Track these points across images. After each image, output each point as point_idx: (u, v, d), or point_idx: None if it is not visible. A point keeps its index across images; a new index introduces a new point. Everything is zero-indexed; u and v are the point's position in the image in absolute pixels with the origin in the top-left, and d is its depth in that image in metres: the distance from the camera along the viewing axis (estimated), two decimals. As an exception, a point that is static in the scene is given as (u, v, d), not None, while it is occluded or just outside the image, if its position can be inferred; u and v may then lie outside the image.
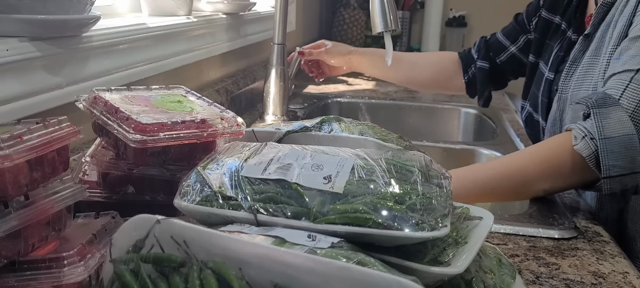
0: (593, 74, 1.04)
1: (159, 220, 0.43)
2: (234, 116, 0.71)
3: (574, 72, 1.09)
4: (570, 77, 1.09)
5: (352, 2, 2.79)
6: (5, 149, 0.48)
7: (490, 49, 1.44)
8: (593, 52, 1.06)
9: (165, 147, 0.65)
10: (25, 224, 0.51)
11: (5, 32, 0.72)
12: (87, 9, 0.81)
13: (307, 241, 0.46)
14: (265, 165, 0.56)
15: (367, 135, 0.71)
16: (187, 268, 0.42)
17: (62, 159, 0.57)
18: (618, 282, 0.76)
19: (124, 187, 0.70)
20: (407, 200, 0.51)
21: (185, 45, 1.24)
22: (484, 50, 1.45)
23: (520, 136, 1.50)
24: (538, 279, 0.76)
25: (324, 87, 2.08)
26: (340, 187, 0.52)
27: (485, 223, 0.60)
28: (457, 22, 3.25)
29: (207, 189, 0.55)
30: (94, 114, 0.69)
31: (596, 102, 0.90)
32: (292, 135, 0.73)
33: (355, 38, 2.79)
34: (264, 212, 0.51)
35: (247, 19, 1.62)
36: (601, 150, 0.87)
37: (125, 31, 0.99)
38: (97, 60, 0.91)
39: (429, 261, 0.51)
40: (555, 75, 1.16)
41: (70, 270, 0.52)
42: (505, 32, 1.42)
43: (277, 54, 1.46)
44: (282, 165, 0.56)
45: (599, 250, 0.85)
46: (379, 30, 1.21)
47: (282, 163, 0.56)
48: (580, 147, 0.88)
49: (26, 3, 0.72)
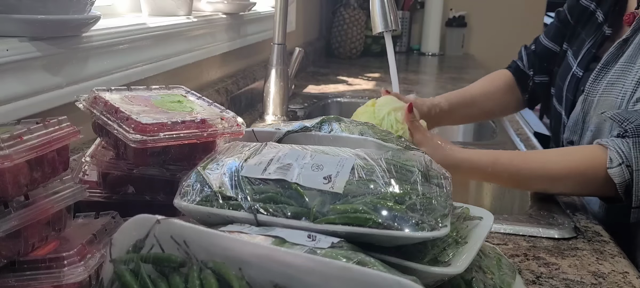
0: (625, 81, 1.00)
1: (159, 220, 0.43)
2: (234, 116, 0.71)
3: (604, 76, 1.05)
4: (599, 80, 1.05)
5: (352, 2, 2.79)
6: (5, 149, 0.48)
7: (543, 60, 1.32)
8: (629, 58, 1.02)
9: (165, 147, 0.65)
10: (25, 224, 0.51)
11: (5, 32, 0.72)
12: (87, 9, 0.81)
13: (307, 241, 0.46)
14: (265, 165, 0.56)
15: (367, 135, 0.71)
16: (187, 268, 0.42)
17: (62, 159, 0.57)
18: (618, 281, 0.76)
19: (124, 187, 0.70)
20: (407, 200, 0.51)
21: (185, 45, 1.24)
22: (537, 63, 1.33)
23: (519, 136, 1.50)
24: (538, 279, 0.76)
25: (324, 87, 2.08)
26: (340, 187, 0.52)
27: (485, 223, 0.60)
28: (457, 22, 3.25)
29: (207, 189, 0.55)
30: (94, 114, 0.69)
31: (637, 129, 0.88)
32: (292, 135, 0.73)
33: (355, 38, 2.79)
34: (264, 212, 0.51)
35: (247, 19, 1.62)
36: (636, 182, 0.86)
37: (125, 31, 0.99)
38: (97, 60, 0.91)
39: (429, 261, 0.51)
40: (584, 73, 1.11)
41: (70, 270, 0.52)
42: (550, 36, 1.31)
43: (277, 54, 1.46)
44: (282, 165, 0.56)
45: (599, 250, 0.85)
46: (379, 30, 1.22)
47: (282, 163, 0.56)
48: (614, 172, 0.88)
49: (26, 3, 0.72)
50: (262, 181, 0.54)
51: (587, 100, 1.07)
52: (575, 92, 1.13)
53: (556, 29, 1.29)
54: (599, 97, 1.04)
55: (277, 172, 0.55)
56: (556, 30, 1.29)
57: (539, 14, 3.24)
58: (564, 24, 1.27)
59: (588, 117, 1.07)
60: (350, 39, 2.78)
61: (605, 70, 1.06)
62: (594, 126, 1.04)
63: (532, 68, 1.34)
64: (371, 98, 1.11)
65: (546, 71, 1.31)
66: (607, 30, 1.12)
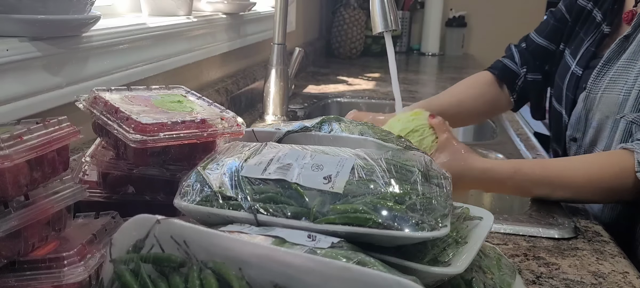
0: (628, 78, 1.00)
1: (159, 220, 0.43)
2: (234, 116, 0.71)
3: (606, 73, 1.05)
4: (601, 78, 1.05)
5: (352, 2, 2.79)
6: (5, 149, 0.48)
7: (537, 58, 1.29)
8: (631, 55, 1.02)
9: (165, 147, 0.65)
10: (25, 224, 0.51)
11: (5, 32, 0.72)
12: (87, 9, 0.81)
13: (307, 241, 0.46)
14: (265, 165, 0.56)
15: (367, 135, 0.71)
16: (187, 268, 0.42)
17: (62, 159, 0.57)
18: (618, 281, 0.76)
19: (124, 187, 0.70)
20: (407, 200, 0.51)
21: (185, 45, 1.24)
22: (531, 61, 1.30)
23: (520, 136, 1.50)
24: (538, 279, 0.76)
25: (324, 87, 2.08)
26: (340, 187, 0.52)
27: (485, 223, 0.60)
28: (457, 22, 3.25)
29: (207, 189, 0.55)
30: (94, 114, 0.69)
31: None
32: (292, 135, 0.73)
33: (355, 38, 2.79)
34: (264, 212, 0.51)
35: (247, 19, 1.62)
36: None
37: (125, 31, 0.99)
38: (97, 60, 0.91)
39: (429, 261, 0.51)
40: (584, 71, 1.11)
41: (70, 270, 0.52)
42: (545, 34, 1.28)
43: (277, 54, 1.46)
44: (282, 165, 0.56)
45: (599, 250, 0.85)
46: (379, 30, 1.21)
47: (282, 163, 0.56)
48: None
49: (26, 3, 0.72)
50: (262, 181, 0.54)
51: (589, 98, 1.07)
52: (576, 90, 1.13)
53: (552, 28, 1.27)
54: (602, 94, 1.04)
55: (277, 172, 0.55)
56: (552, 28, 1.27)
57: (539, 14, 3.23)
58: (561, 23, 1.25)
59: (591, 114, 1.07)
60: (350, 39, 2.78)
61: (607, 67, 1.06)
62: (596, 122, 1.05)
63: (525, 65, 1.31)
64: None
65: (540, 69, 1.30)
66: (606, 29, 1.12)
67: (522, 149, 1.39)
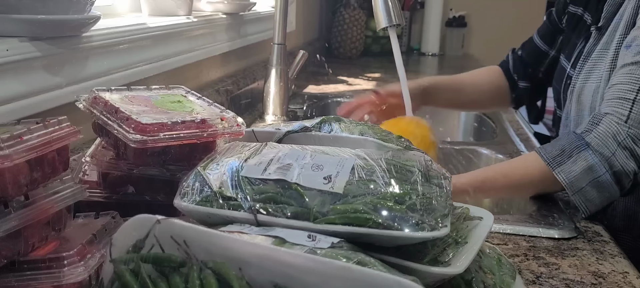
0: (601, 67, 1.03)
1: (159, 220, 0.43)
2: (234, 116, 0.71)
3: (585, 65, 1.08)
4: (581, 70, 1.08)
5: (352, 2, 2.79)
6: (5, 149, 0.48)
7: (528, 65, 1.34)
8: (604, 44, 1.04)
9: (165, 147, 0.65)
10: (25, 224, 0.51)
11: (5, 32, 0.72)
12: (87, 9, 0.81)
13: (307, 241, 0.46)
14: (265, 165, 0.56)
15: (367, 135, 0.71)
16: (187, 268, 0.42)
17: (62, 159, 0.57)
18: (618, 281, 0.76)
19: (124, 187, 0.70)
20: (407, 200, 0.51)
21: (185, 45, 1.24)
22: (521, 69, 1.35)
23: (519, 136, 1.50)
24: (538, 279, 0.76)
25: (324, 87, 2.08)
26: (340, 187, 0.52)
27: (485, 223, 0.60)
28: (457, 22, 3.25)
29: (207, 189, 0.55)
30: (94, 114, 0.69)
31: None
32: (292, 135, 0.73)
33: (355, 38, 2.79)
34: (264, 212, 0.51)
35: (247, 19, 1.62)
36: None
37: (125, 31, 0.99)
38: (97, 60, 0.91)
39: (429, 261, 0.51)
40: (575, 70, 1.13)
41: (70, 270, 0.52)
42: (541, 34, 1.33)
43: (277, 54, 1.46)
44: (282, 165, 0.56)
45: (599, 250, 0.85)
46: (383, 26, 1.19)
47: (282, 164, 0.56)
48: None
49: (26, 3, 0.72)
50: (262, 181, 0.54)
51: (573, 92, 1.10)
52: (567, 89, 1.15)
53: (547, 29, 1.32)
54: (579, 85, 1.07)
55: (277, 172, 0.55)
56: (546, 29, 1.32)
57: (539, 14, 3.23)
58: (554, 26, 1.30)
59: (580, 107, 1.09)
60: (350, 39, 2.78)
61: (586, 60, 1.09)
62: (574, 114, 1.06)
63: (516, 73, 1.37)
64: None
65: (529, 77, 1.34)
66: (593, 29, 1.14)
67: (522, 149, 1.39)
